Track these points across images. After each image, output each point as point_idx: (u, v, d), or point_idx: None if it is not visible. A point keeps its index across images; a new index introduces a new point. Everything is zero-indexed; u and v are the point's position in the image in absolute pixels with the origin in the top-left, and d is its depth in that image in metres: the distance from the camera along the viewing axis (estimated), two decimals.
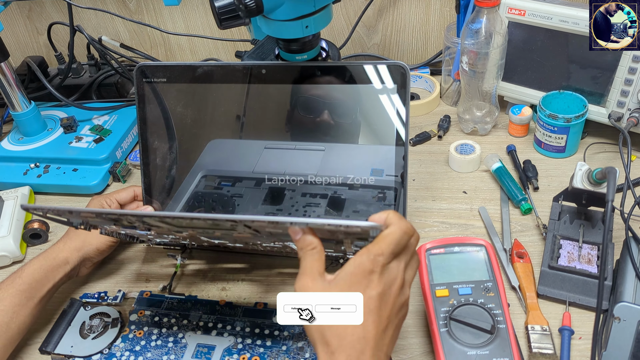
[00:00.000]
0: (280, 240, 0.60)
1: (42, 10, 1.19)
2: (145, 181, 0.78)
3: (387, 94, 0.71)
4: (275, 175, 0.75)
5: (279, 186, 0.75)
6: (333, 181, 0.74)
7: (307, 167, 0.74)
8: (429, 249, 0.66)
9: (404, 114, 0.70)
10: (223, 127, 0.78)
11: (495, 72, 0.88)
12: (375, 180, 0.72)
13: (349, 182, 0.73)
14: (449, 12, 1.08)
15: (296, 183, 0.75)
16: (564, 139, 0.86)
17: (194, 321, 0.70)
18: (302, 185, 0.75)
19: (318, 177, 0.74)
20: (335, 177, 0.74)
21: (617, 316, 0.57)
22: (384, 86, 0.71)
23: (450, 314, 0.60)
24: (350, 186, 0.73)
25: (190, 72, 0.76)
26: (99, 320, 0.71)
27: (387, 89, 0.71)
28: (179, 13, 1.16)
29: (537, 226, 0.77)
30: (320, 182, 0.74)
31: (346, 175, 0.73)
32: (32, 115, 0.98)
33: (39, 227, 0.85)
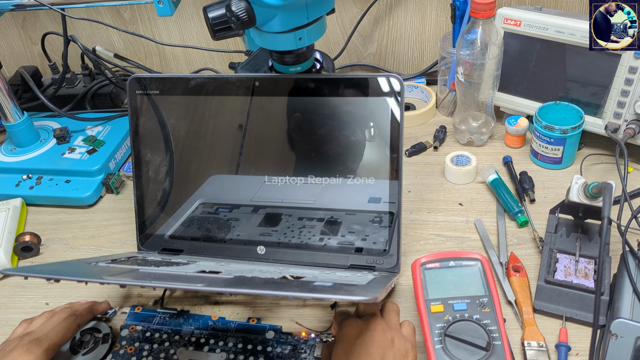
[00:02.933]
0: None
1: (36, 20, 1.19)
2: (138, 194, 0.78)
3: (382, 106, 0.70)
4: (272, 203, 0.75)
5: (276, 212, 0.75)
6: (331, 208, 0.74)
7: (305, 197, 0.74)
8: (424, 263, 0.65)
9: (398, 127, 0.69)
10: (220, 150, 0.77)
11: (491, 82, 0.88)
12: (373, 207, 0.72)
13: (347, 208, 0.73)
14: (445, 22, 1.08)
15: (293, 209, 0.75)
16: (561, 150, 0.85)
17: (185, 337, 0.69)
18: (299, 211, 0.74)
19: (316, 205, 0.74)
20: (333, 206, 0.74)
21: (614, 333, 0.57)
22: (379, 98, 0.70)
23: (445, 330, 0.59)
24: (347, 211, 0.73)
25: (184, 84, 0.75)
26: (90, 335, 0.69)
27: (382, 101, 0.70)
28: (173, 23, 1.15)
29: (533, 239, 0.76)
30: (318, 208, 0.74)
31: (344, 204, 0.73)
32: (25, 126, 0.98)
33: (30, 239, 0.84)
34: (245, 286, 0.59)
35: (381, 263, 0.71)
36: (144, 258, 0.74)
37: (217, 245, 0.76)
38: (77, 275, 0.62)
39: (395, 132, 0.70)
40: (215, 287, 0.60)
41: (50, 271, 0.62)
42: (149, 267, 0.68)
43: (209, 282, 0.59)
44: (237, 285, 0.60)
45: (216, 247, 0.76)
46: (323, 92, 0.72)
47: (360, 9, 1.09)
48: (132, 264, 0.70)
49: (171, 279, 0.62)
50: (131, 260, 0.73)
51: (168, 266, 0.69)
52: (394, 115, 0.70)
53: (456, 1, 0.92)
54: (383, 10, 1.09)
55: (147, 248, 0.78)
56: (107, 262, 0.70)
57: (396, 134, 0.70)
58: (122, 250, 0.84)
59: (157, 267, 0.68)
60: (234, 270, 0.67)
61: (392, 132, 0.70)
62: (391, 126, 0.70)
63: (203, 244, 0.77)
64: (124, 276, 0.63)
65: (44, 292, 0.78)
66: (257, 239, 0.75)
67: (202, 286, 0.58)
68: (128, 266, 0.68)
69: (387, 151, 0.71)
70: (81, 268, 0.69)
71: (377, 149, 0.71)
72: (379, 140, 0.71)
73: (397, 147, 0.70)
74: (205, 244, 0.77)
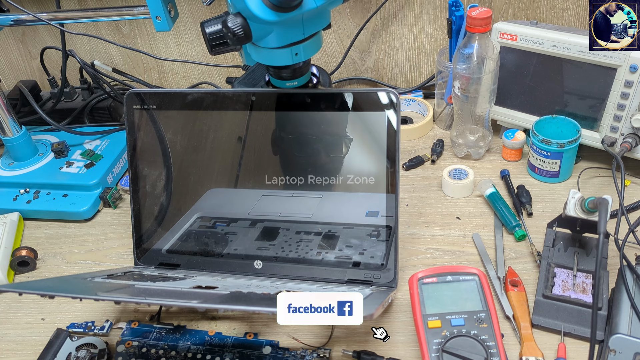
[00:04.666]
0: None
1: (36, 34, 1.19)
2: (135, 208, 0.78)
3: (379, 120, 0.70)
4: (270, 217, 0.75)
5: (273, 226, 0.75)
6: (328, 221, 0.73)
7: (303, 211, 0.74)
8: (421, 278, 0.65)
9: (395, 141, 0.70)
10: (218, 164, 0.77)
11: (487, 96, 0.88)
12: (371, 220, 0.72)
13: (344, 222, 0.73)
14: (441, 36, 1.09)
15: (291, 223, 0.74)
16: (558, 164, 0.85)
17: (182, 352, 0.68)
18: (296, 224, 0.74)
19: (314, 219, 0.74)
20: (331, 219, 0.73)
21: (613, 348, 0.56)
22: (376, 113, 0.70)
23: (442, 346, 0.58)
24: (345, 225, 0.73)
25: (181, 99, 0.75)
26: (86, 351, 0.69)
27: (379, 116, 0.70)
28: (172, 37, 1.16)
29: (531, 253, 0.76)
30: (315, 222, 0.74)
31: (342, 218, 0.73)
32: (23, 140, 0.98)
33: (27, 254, 0.83)
34: (240, 303, 0.59)
35: (378, 277, 0.71)
36: (140, 273, 0.74)
37: (214, 260, 0.76)
38: (72, 292, 0.61)
39: (393, 145, 0.70)
40: (211, 304, 0.60)
41: (45, 287, 0.61)
42: (145, 283, 0.68)
43: (204, 299, 0.59)
44: (233, 302, 0.60)
45: (213, 261, 0.76)
46: (320, 107, 0.72)
47: (358, 24, 1.09)
48: (129, 279, 0.69)
49: (167, 295, 0.62)
50: (127, 275, 0.72)
51: (164, 281, 0.69)
52: (391, 129, 0.70)
53: (452, 16, 0.93)
54: (380, 24, 1.09)
55: (144, 263, 0.78)
56: (103, 277, 0.69)
57: (393, 148, 0.70)
58: (119, 265, 0.83)
59: (153, 283, 0.68)
60: (230, 286, 0.67)
61: (389, 145, 0.70)
62: (388, 140, 0.70)
63: (200, 258, 0.76)
64: (119, 292, 0.63)
65: (39, 307, 0.78)
66: (254, 254, 0.75)
67: (197, 302, 0.58)
68: (124, 281, 0.68)
69: (384, 165, 0.71)
70: (77, 284, 0.68)
71: (375, 162, 0.72)
72: (376, 154, 0.71)
73: (394, 161, 0.70)
74: (202, 258, 0.76)
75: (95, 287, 0.64)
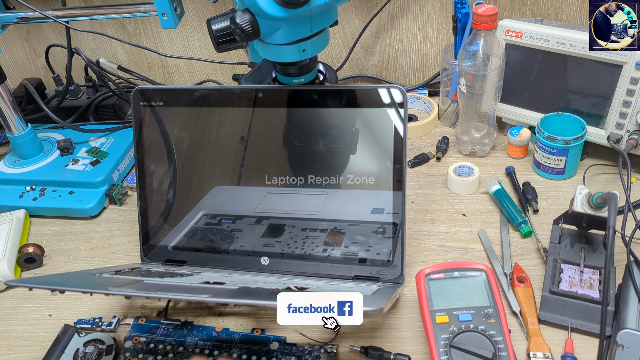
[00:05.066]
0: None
1: (41, 32, 1.19)
2: (141, 205, 0.78)
3: (385, 117, 0.70)
4: (276, 214, 0.75)
5: (279, 223, 0.75)
6: (334, 219, 0.74)
7: (308, 208, 0.74)
8: (428, 274, 0.65)
9: (401, 138, 0.70)
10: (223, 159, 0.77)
11: (493, 93, 0.88)
12: (376, 217, 0.72)
13: (350, 219, 0.73)
14: (446, 33, 1.09)
15: (297, 220, 0.75)
16: (563, 161, 0.85)
17: (189, 348, 0.68)
18: (302, 221, 0.74)
19: (319, 216, 0.74)
20: (336, 216, 0.74)
21: (621, 343, 0.56)
22: (382, 109, 0.70)
23: (450, 342, 0.58)
24: (351, 222, 0.73)
25: (187, 96, 0.76)
26: (93, 347, 0.69)
27: (385, 112, 0.70)
28: (177, 35, 1.16)
29: (537, 249, 0.76)
30: (321, 219, 0.74)
31: (347, 215, 0.73)
32: (29, 137, 0.98)
33: (33, 251, 0.84)
34: (250, 297, 0.59)
35: (385, 274, 0.71)
36: (147, 269, 0.74)
37: (221, 256, 0.76)
38: (81, 287, 0.62)
39: (399, 143, 0.70)
40: (221, 298, 0.60)
41: (55, 282, 0.62)
42: (153, 278, 0.68)
43: (214, 293, 0.59)
44: (242, 296, 0.60)
45: (220, 258, 0.76)
46: (326, 104, 0.72)
47: (362, 21, 1.09)
48: (136, 275, 0.70)
49: (176, 290, 0.62)
50: (135, 271, 0.72)
51: (172, 277, 0.69)
52: (397, 126, 0.70)
53: (458, 13, 0.93)
54: (385, 22, 1.09)
55: (151, 259, 0.78)
56: (111, 273, 0.70)
57: (399, 145, 0.70)
58: (126, 261, 0.84)
59: (161, 278, 0.68)
60: (238, 281, 0.67)
61: (395, 143, 0.70)
62: (394, 137, 0.70)
63: (207, 255, 0.77)
64: (128, 287, 0.63)
65: (46, 303, 0.78)
66: (260, 250, 0.75)
67: (207, 297, 0.58)
68: (132, 277, 0.68)
69: (390, 162, 0.71)
70: (85, 279, 0.69)
71: (381, 159, 0.72)
72: (382, 151, 0.71)
73: (400, 158, 0.70)
74: (208, 255, 0.77)
75: (105, 282, 0.65)
